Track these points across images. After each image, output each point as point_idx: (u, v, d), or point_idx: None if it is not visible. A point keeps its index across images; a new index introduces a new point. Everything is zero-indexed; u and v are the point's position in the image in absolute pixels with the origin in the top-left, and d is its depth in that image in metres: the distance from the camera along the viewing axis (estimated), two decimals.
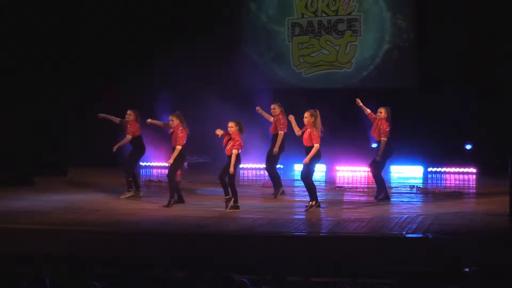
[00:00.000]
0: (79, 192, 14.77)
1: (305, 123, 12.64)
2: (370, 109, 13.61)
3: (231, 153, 12.20)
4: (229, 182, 12.36)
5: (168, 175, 13.10)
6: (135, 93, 17.53)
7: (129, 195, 13.88)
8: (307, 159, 12.44)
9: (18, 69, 16.76)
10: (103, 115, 14.16)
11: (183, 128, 13.10)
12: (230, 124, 12.39)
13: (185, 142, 12.98)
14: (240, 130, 12.37)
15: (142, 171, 17.46)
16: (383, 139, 13.28)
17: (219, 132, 12.53)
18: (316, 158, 12.48)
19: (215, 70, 17.87)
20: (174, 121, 13.16)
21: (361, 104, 13.65)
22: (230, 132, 12.36)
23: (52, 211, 12.41)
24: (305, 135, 12.53)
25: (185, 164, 13.74)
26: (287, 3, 18.64)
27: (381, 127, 13.32)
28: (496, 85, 16.65)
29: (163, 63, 17.41)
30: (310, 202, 12.59)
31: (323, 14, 18.48)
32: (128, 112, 14.08)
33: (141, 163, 17.06)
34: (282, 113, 13.93)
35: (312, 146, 12.41)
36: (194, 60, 17.59)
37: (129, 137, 13.91)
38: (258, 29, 18.83)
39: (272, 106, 14.08)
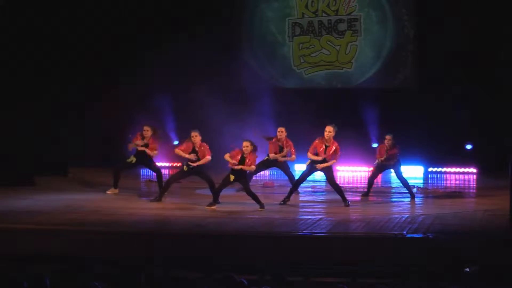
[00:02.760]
0: (79, 192, 14.76)
1: (327, 137, 12.89)
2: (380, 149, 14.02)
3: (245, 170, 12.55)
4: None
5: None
6: (135, 93, 17.54)
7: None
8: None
9: (18, 69, 16.76)
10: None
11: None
12: (245, 143, 12.51)
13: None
14: (254, 149, 12.55)
15: (143, 171, 17.45)
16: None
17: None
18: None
19: (215, 70, 17.86)
20: (198, 137, 13.16)
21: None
22: (246, 152, 12.46)
23: (52, 211, 12.41)
24: (330, 151, 12.84)
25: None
26: (288, 3, 18.64)
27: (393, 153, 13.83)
28: (496, 85, 16.64)
29: (163, 63, 17.41)
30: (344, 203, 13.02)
31: (324, 14, 18.48)
32: (145, 128, 14.12)
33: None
34: None
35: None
36: (194, 60, 17.58)
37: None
38: (258, 29, 18.82)
39: (280, 129, 14.05)
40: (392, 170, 14.43)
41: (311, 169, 13.07)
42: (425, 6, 17.45)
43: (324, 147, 12.93)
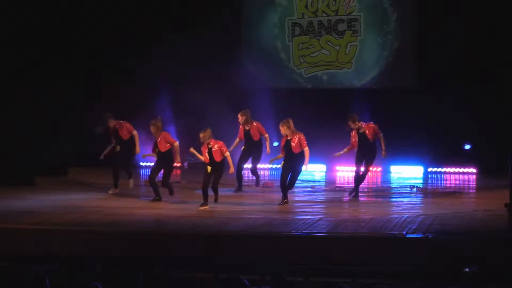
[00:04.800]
0: (79, 192, 14.76)
1: (284, 133, 12.96)
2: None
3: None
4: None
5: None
6: (135, 93, 17.54)
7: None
8: (307, 164, 12.93)
9: (18, 69, 16.76)
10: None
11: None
12: (201, 135, 12.69)
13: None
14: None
15: (142, 171, 17.46)
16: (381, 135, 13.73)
17: None
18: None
19: (214, 69, 17.87)
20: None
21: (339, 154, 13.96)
22: (204, 141, 12.67)
23: (52, 211, 12.41)
24: (294, 143, 12.78)
25: (185, 164, 13.82)
26: (287, 3, 18.64)
27: (375, 129, 13.63)
28: (496, 85, 16.64)
29: (162, 62, 17.42)
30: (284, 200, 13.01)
31: (323, 14, 18.48)
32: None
33: (141, 163, 17.06)
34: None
35: (302, 151, 12.84)
36: (194, 60, 17.59)
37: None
38: (257, 29, 18.82)
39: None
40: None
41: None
42: (425, 6, 17.45)
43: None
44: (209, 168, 12.62)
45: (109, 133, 14.35)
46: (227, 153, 12.67)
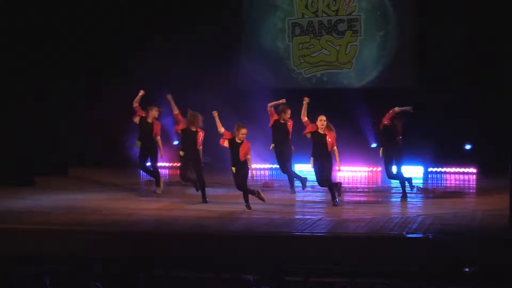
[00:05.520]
0: (79, 192, 14.77)
1: (322, 126, 12.93)
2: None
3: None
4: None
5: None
6: (135, 93, 17.51)
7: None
8: (339, 165, 12.98)
9: (18, 69, 16.75)
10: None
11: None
12: (244, 131, 12.50)
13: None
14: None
15: (142, 172, 17.42)
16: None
17: None
18: None
19: (214, 69, 17.86)
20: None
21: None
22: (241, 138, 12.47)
23: (52, 211, 12.42)
24: (331, 139, 12.86)
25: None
26: (288, 3, 18.64)
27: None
28: (496, 85, 16.63)
29: (162, 62, 17.41)
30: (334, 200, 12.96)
31: (324, 14, 18.48)
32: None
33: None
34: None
35: (331, 150, 12.85)
36: (193, 60, 17.58)
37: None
38: (258, 29, 18.82)
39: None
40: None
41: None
42: (425, 6, 17.45)
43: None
44: (233, 168, 12.42)
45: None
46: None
